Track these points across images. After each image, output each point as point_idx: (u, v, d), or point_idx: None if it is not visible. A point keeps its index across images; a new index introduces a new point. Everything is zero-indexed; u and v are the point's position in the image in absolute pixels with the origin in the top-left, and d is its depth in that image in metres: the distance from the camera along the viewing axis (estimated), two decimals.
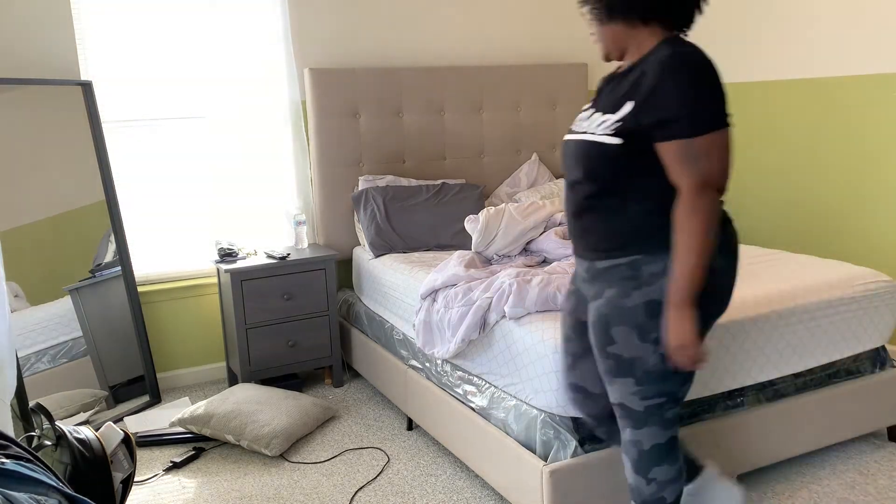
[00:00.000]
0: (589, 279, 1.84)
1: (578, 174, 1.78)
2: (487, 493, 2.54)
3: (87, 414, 3.09)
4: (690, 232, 1.64)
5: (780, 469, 2.62)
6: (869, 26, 3.43)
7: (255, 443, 2.86)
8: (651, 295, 1.71)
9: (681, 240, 1.65)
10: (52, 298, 3.07)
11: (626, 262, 1.75)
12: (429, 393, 2.77)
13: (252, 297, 3.34)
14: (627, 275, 1.74)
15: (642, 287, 1.72)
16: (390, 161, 3.84)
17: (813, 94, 3.74)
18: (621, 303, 1.74)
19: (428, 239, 3.51)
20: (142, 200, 3.55)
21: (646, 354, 1.73)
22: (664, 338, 1.70)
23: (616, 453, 2.17)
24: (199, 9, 3.50)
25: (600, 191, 1.75)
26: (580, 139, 1.78)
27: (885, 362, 2.73)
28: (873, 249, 3.55)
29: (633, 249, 1.74)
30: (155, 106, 3.51)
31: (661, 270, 1.71)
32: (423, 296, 2.73)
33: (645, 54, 1.73)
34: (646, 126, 1.66)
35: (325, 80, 3.63)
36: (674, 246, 1.67)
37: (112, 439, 1.90)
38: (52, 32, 3.23)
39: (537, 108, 4.18)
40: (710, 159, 1.63)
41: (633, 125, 1.67)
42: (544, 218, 2.87)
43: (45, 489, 1.13)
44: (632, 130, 1.68)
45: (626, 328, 1.73)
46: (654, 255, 1.72)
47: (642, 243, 1.74)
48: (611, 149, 1.70)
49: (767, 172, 4.05)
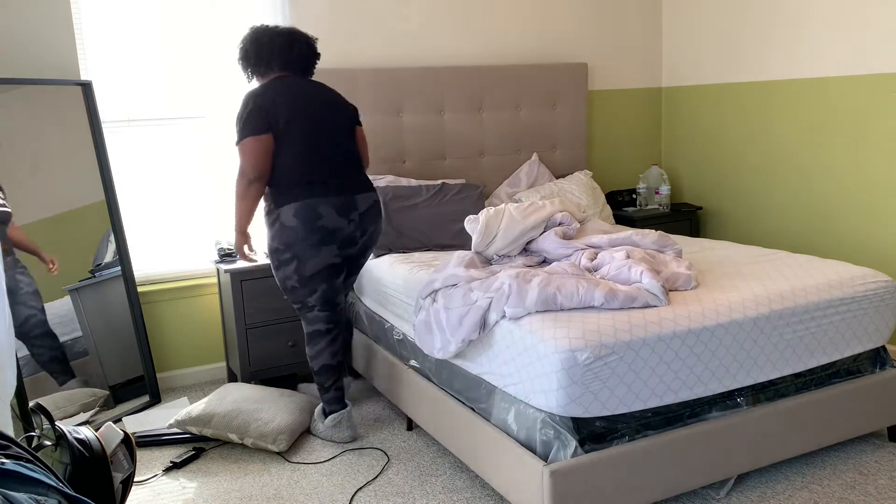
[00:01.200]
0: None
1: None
2: (487, 494, 2.54)
3: (88, 414, 3.09)
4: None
5: (780, 469, 2.62)
6: (869, 26, 3.43)
7: (260, 440, 2.86)
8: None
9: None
10: (52, 298, 3.07)
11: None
12: (429, 393, 2.77)
13: (252, 297, 3.34)
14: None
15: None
16: (390, 161, 3.84)
17: (813, 94, 3.74)
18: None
19: (428, 239, 3.51)
20: (142, 200, 3.55)
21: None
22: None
23: (616, 453, 2.17)
24: (198, 9, 3.50)
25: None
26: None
27: (885, 362, 2.73)
28: (873, 249, 3.55)
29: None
30: (155, 106, 3.51)
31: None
32: (423, 296, 2.73)
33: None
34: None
35: (324, 79, 3.63)
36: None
37: (112, 439, 1.90)
38: (52, 32, 3.23)
39: (537, 108, 4.18)
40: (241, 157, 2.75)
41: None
42: (544, 218, 2.87)
43: (45, 489, 1.12)
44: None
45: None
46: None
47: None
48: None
49: (767, 172, 4.05)
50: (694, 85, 4.45)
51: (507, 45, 4.19)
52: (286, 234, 2.78)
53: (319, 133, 2.82)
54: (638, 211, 4.32)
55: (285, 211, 2.77)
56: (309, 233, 2.76)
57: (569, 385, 2.09)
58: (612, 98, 4.56)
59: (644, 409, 2.26)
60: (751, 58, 4.04)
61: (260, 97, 2.73)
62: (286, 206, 2.77)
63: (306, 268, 2.82)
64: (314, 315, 2.90)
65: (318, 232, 2.78)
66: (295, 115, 2.76)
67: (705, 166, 4.44)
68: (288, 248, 2.79)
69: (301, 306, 2.91)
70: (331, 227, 2.79)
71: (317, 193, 2.77)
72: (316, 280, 2.85)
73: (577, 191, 4.04)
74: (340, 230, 2.82)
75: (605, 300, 2.28)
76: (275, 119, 2.73)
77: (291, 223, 2.76)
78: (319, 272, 2.84)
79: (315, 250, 2.79)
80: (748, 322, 2.34)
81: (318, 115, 2.82)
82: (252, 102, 2.72)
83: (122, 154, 3.47)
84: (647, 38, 4.59)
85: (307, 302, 2.89)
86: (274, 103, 2.73)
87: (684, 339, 2.24)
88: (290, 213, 2.76)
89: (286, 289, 2.89)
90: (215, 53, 3.56)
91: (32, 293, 3.00)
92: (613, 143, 4.61)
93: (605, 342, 2.12)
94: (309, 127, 2.79)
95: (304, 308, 2.91)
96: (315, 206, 2.77)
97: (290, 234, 2.77)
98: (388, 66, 3.85)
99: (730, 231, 4.33)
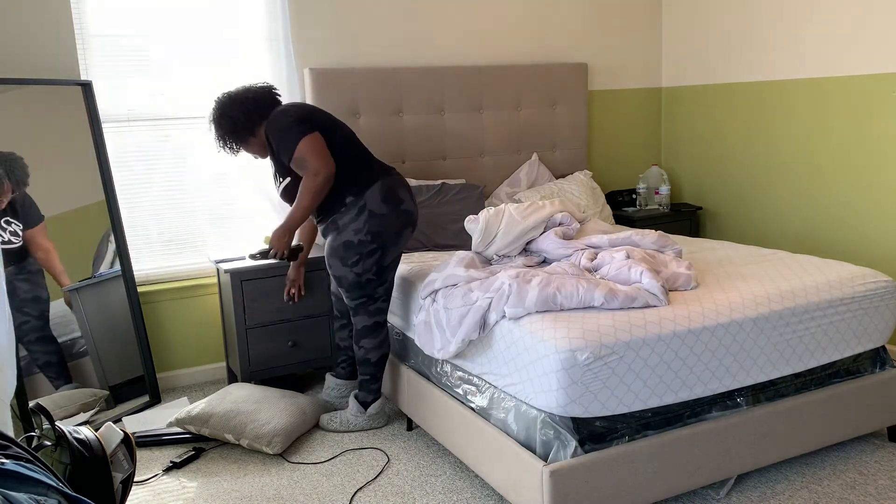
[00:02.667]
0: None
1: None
2: (487, 494, 2.54)
3: (88, 414, 3.09)
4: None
5: (780, 469, 2.62)
6: (869, 26, 3.43)
7: (255, 441, 2.86)
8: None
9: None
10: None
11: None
12: (429, 393, 2.77)
13: (252, 297, 3.34)
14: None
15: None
16: (390, 161, 3.84)
17: (813, 94, 3.74)
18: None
19: (428, 239, 3.51)
20: (142, 200, 3.55)
21: (346, 274, 2.83)
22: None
23: (616, 453, 2.17)
24: (198, 9, 3.50)
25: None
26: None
27: (885, 362, 2.73)
28: (873, 249, 3.55)
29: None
30: (155, 106, 3.51)
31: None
32: (423, 296, 2.73)
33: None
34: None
35: (325, 80, 3.63)
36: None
37: (112, 439, 1.90)
38: (52, 32, 3.23)
39: (537, 108, 4.18)
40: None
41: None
42: (544, 218, 2.87)
43: (45, 489, 1.12)
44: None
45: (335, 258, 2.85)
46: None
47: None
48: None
49: (767, 172, 4.05)
50: (694, 85, 4.45)
51: (507, 45, 4.19)
52: (375, 222, 2.76)
53: (345, 127, 2.91)
54: (638, 211, 4.32)
55: (371, 195, 2.77)
56: (396, 217, 2.78)
57: (569, 385, 2.09)
58: (612, 98, 4.56)
59: (644, 409, 2.26)
60: (751, 58, 4.04)
61: (289, 110, 2.79)
62: (370, 189, 2.77)
63: (387, 257, 2.82)
64: (377, 307, 2.90)
65: (402, 216, 2.80)
66: (325, 116, 2.86)
67: (705, 166, 4.44)
68: (375, 238, 2.77)
69: (366, 300, 2.87)
70: (410, 210, 2.84)
71: (385, 174, 2.82)
72: (390, 269, 2.87)
73: (577, 191, 4.04)
74: (413, 213, 2.87)
75: (605, 300, 2.28)
76: (315, 121, 2.79)
77: (381, 209, 2.76)
78: (395, 260, 2.87)
79: (398, 237, 2.81)
80: (748, 322, 2.34)
81: (334, 118, 2.91)
82: (285, 116, 2.76)
83: (122, 154, 3.47)
84: (647, 38, 4.59)
85: (374, 294, 2.86)
86: (303, 112, 2.79)
87: (684, 339, 2.24)
88: (378, 198, 2.76)
89: (359, 284, 2.83)
90: (215, 53, 3.56)
91: (30, 300, 2.99)
92: (613, 143, 4.61)
93: (605, 342, 2.12)
94: (343, 126, 2.90)
95: (368, 301, 2.87)
96: (395, 188, 2.80)
97: (380, 221, 2.76)
98: (388, 66, 3.85)
99: (730, 231, 4.34)
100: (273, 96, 2.91)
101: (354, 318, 2.93)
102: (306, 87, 3.65)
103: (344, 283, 2.85)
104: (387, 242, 2.80)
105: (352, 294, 2.87)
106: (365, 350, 2.94)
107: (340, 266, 2.82)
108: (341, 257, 2.81)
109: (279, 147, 2.75)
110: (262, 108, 2.86)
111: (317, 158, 2.68)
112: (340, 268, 2.82)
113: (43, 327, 3.03)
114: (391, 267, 2.88)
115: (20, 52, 3.20)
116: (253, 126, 2.86)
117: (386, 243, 2.80)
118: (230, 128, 2.86)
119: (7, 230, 2.97)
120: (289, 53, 3.63)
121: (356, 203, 2.78)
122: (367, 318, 2.90)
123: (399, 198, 2.80)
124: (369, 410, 3.04)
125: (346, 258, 2.80)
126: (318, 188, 2.69)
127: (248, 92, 2.87)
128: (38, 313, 3.02)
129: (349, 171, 2.80)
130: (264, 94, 2.88)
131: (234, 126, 2.85)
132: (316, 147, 2.70)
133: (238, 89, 2.90)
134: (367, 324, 2.91)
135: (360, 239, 2.77)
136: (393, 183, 2.81)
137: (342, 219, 2.79)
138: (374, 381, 3.00)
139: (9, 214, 2.97)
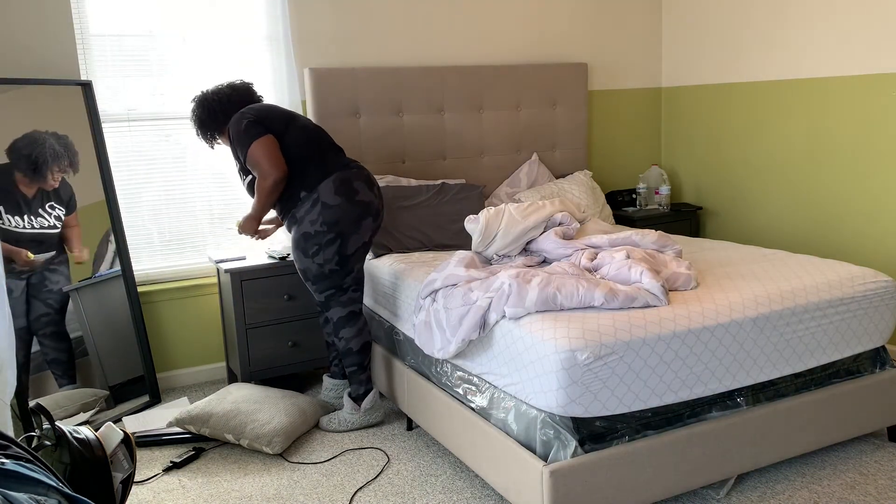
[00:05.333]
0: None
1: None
2: (487, 493, 2.54)
3: (88, 414, 3.09)
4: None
5: (780, 469, 2.62)
6: (868, 26, 3.43)
7: (255, 441, 2.86)
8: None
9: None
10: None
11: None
12: (429, 393, 2.77)
13: (252, 297, 3.34)
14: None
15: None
16: (390, 161, 3.84)
17: (813, 94, 3.74)
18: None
19: (428, 239, 3.51)
20: (142, 200, 3.55)
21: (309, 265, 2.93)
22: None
23: (616, 453, 2.17)
24: (198, 9, 3.50)
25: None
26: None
27: (885, 362, 2.73)
28: (873, 249, 3.55)
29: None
30: (155, 106, 3.51)
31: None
32: (423, 296, 2.73)
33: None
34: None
35: (325, 80, 3.63)
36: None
37: (112, 439, 1.90)
38: (52, 32, 3.23)
39: (537, 108, 4.18)
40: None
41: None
42: (544, 218, 2.87)
43: (45, 489, 1.12)
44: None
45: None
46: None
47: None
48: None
49: (767, 172, 4.05)
50: (694, 85, 4.45)
51: (507, 45, 4.19)
52: (329, 212, 2.85)
53: (307, 123, 3.01)
54: (638, 211, 4.32)
55: (325, 188, 2.86)
56: (351, 207, 2.87)
57: (569, 385, 2.09)
58: (612, 98, 4.56)
59: (644, 409, 2.26)
60: (751, 58, 4.04)
61: (247, 112, 2.91)
62: (323, 182, 2.87)
63: (348, 246, 2.90)
64: (348, 297, 2.98)
65: (358, 206, 2.89)
66: (282, 115, 2.96)
67: (705, 166, 4.44)
68: (331, 228, 2.86)
69: (335, 291, 2.96)
70: (366, 201, 2.92)
71: (341, 168, 2.92)
72: (354, 259, 2.94)
73: (577, 191, 4.04)
74: (372, 203, 2.94)
75: (605, 300, 2.28)
76: (269, 123, 2.90)
77: (334, 200, 2.86)
78: (358, 249, 2.94)
79: (356, 226, 2.90)
80: (748, 322, 2.34)
81: (294, 114, 3.02)
82: (242, 119, 2.89)
83: (122, 154, 3.47)
84: (647, 38, 4.59)
85: (342, 284, 2.95)
86: (259, 114, 2.91)
87: (684, 339, 2.24)
88: (331, 190, 2.86)
89: (322, 275, 2.92)
90: (215, 53, 3.56)
91: (56, 292, 3.05)
92: (613, 143, 4.61)
93: (605, 342, 2.12)
94: (303, 122, 2.99)
95: (338, 292, 2.96)
96: (350, 181, 2.90)
97: (334, 211, 2.86)
98: (388, 66, 3.85)
99: (730, 231, 4.34)
100: (243, 97, 3.03)
101: (329, 313, 3.00)
102: (306, 87, 3.65)
103: (309, 275, 2.94)
104: (344, 231, 2.87)
105: (319, 287, 2.95)
106: (346, 340, 3.00)
107: (303, 257, 2.92)
108: (302, 248, 2.91)
109: (237, 148, 2.91)
110: (229, 109, 2.99)
111: (267, 162, 2.82)
112: (303, 259, 2.92)
113: (59, 322, 3.05)
114: (356, 257, 2.95)
115: (20, 52, 3.20)
116: (219, 125, 3.02)
117: (343, 232, 2.87)
118: (199, 125, 3.05)
119: (52, 214, 3.01)
120: (289, 53, 3.63)
121: (310, 196, 2.88)
122: (340, 308, 2.98)
123: (354, 189, 2.88)
124: (363, 405, 3.06)
125: (307, 249, 2.90)
126: (269, 190, 2.85)
127: (218, 93, 3.02)
128: (59, 306, 3.05)
129: (302, 170, 2.90)
130: (232, 95, 3.01)
131: (201, 125, 3.04)
132: (267, 151, 2.83)
133: (212, 88, 3.04)
134: (342, 314, 2.98)
135: (317, 229, 2.87)
136: (349, 176, 2.90)
137: (299, 212, 2.90)
138: (361, 370, 3.04)
139: (53, 199, 3.03)
